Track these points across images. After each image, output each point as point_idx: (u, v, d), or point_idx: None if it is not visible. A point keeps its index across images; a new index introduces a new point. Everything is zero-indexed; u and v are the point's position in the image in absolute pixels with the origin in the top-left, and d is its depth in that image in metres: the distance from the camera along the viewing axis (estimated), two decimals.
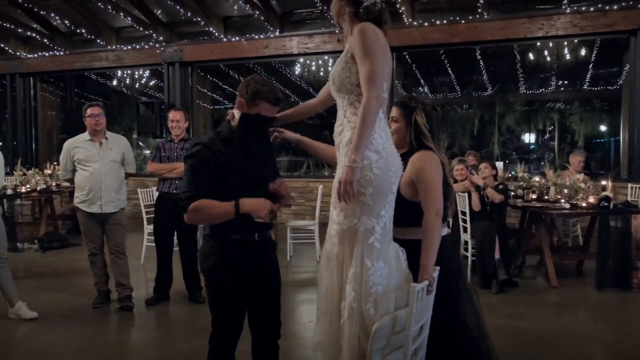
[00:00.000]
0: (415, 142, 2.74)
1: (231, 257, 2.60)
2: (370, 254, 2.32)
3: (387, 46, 2.43)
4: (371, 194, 2.33)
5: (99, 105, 5.12)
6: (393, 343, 2.21)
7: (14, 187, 8.06)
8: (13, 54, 11.85)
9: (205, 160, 2.54)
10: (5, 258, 4.88)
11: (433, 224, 2.49)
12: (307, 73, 14.40)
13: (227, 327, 2.66)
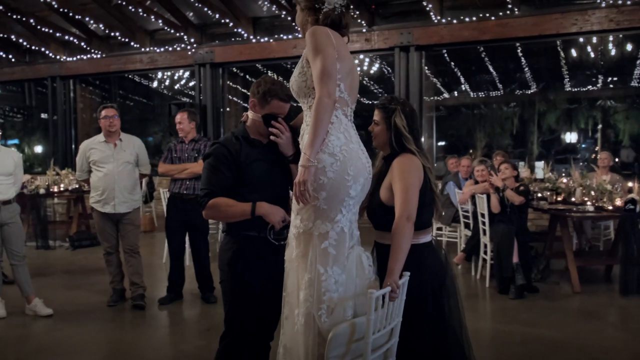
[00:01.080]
0: (396, 145, 2.67)
1: (245, 254, 2.64)
2: (323, 260, 2.27)
3: (345, 48, 2.40)
4: (325, 198, 2.29)
5: (113, 107, 5.23)
6: (354, 351, 2.15)
7: (47, 186, 8.32)
8: (54, 57, 12.25)
9: (222, 158, 2.64)
10: (22, 256, 5.04)
11: (402, 229, 2.42)
12: None
13: (239, 326, 2.67)
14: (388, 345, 2.29)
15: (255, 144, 2.71)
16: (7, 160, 5.04)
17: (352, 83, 2.42)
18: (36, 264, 7.29)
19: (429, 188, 2.65)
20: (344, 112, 2.37)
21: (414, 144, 2.66)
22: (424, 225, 2.66)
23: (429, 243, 2.71)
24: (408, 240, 2.42)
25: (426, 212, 2.66)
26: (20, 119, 18.64)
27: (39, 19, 10.89)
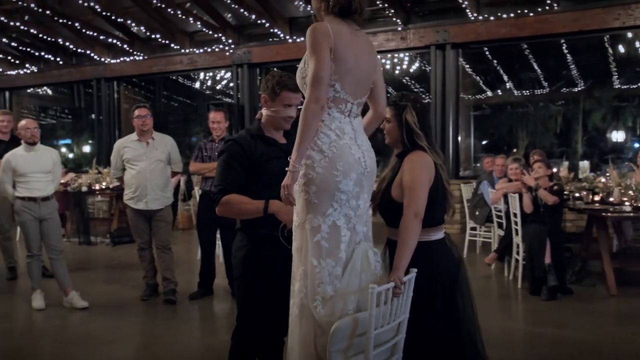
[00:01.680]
0: (408, 142, 2.67)
1: (259, 251, 2.70)
2: (316, 252, 2.30)
3: (349, 42, 2.36)
4: (315, 192, 2.32)
5: (145, 107, 5.38)
6: (357, 345, 2.17)
7: (89, 184, 8.61)
8: (98, 59, 12.65)
9: (236, 155, 2.70)
10: (60, 250, 5.24)
11: (409, 225, 2.42)
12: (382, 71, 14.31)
13: (252, 322, 2.74)
14: (394, 341, 2.29)
15: (270, 142, 2.76)
16: (46, 158, 5.26)
17: (355, 78, 2.39)
18: (77, 259, 7.59)
19: (441, 185, 2.64)
20: (340, 109, 2.37)
21: (425, 140, 2.65)
22: (436, 222, 2.65)
23: (441, 240, 2.70)
24: (415, 237, 2.42)
25: (438, 209, 2.65)
26: (70, 120, 19.29)
27: (84, 23, 11.25)
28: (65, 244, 8.48)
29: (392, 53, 10.58)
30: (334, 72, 2.31)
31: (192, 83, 15.50)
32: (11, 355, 4.21)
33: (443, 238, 2.72)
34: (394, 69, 13.74)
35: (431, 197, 2.55)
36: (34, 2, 10.24)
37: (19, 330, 4.83)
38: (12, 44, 12.80)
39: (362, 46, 2.43)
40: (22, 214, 5.10)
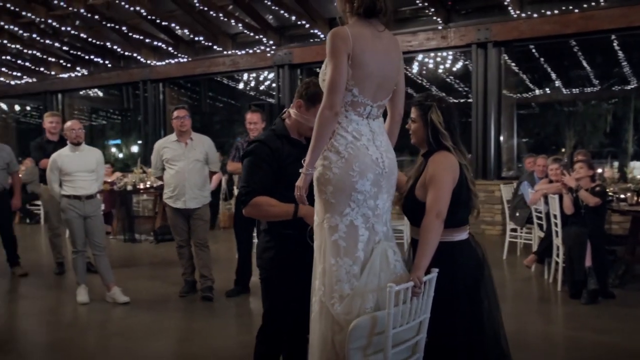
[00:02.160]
0: (433, 142, 2.67)
1: (286, 252, 2.74)
2: (334, 251, 2.33)
3: (369, 46, 2.36)
4: (332, 192, 2.35)
5: (184, 108, 5.52)
6: (376, 344, 2.19)
7: (134, 183, 8.87)
8: (145, 62, 13.01)
9: (263, 156, 2.74)
10: (103, 247, 5.44)
11: (431, 225, 2.43)
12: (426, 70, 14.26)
13: (276, 323, 2.80)
14: (414, 340, 2.30)
15: (295, 143, 2.79)
16: (90, 158, 5.47)
17: (377, 83, 2.40)
18: (122, 256, 7.84)
19: (465, 186, 2.63)
20: (358, 112, 2.39)
21: (451, 140, 2.64)
22: (459, 222, 2.65)
23: (465, 241, 2.69)
24: (436, 237, 2.42)
25: (461, 209, 2.65)
26: (119, 121, 19.90)
27: (131, 26, 11.60)
28: (111, 242, 8.84)
29: (433, 52, 10.48)
30: (351, 77, 2.32)
31: (235, 84, 15.75)
32: (59, 347, 4.42)
33: (467, 239, 2.71)
34: (437, 68, 13.62)
35: (455, 197, 2.55)
36: (83, 7, 10.61)
37: (65, 323, 5.04)
38: (64, 48, 13.30)
39: (384, 49, 2.42)
40: (68, 212, 5.32)
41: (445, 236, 2.53)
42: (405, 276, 2.38)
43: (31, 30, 12.19)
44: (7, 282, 6.38)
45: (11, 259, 6.64)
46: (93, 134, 18.87)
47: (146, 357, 4.11)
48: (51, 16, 11.29)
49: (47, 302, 5.66)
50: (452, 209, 2.53)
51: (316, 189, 2.42)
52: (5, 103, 18.29)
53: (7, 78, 15.64)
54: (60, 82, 14.83)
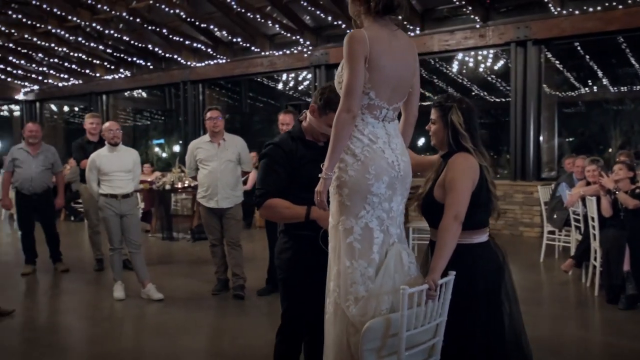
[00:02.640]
0: (453, 143, 2.65)
1: (303, 253, 2.78)
2: (349, 253, 2.34)
3: (387, 47, 2.35)
4: (347, 194, 2.36)
5: (217, 109, 5.62)
6: (390, 346, 2.19)
7: (172, 183, 9.07)
8: (185, 63, 13.26)
9: (278, 158, 2.78)
10: (139, 245, 5.58)
11: (448, 227, 2.42)
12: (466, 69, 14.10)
13: (294, 323, 2.84)
14: (430, 343, 2.29)
15: (311, 145, 2.81)
16: (127, 158, 5.62)
17: (393, 86, 2.39)
18: (159, 254, 8.03)
19: (485, 188, 2.61)
20: (374, 115, 2.39)
21: (471, 141, 2.62)
22: (478, 225, 2.63)
23: (485, 243, 2.67)
24: (454, 239, 2.41)
25: (481, 211, 2.62)
26: (162, 121, 20.33)
27: (171, 29, 11.85)
28: (149, 239, 9.05)
29: (470, 51, 10.34)
30: (368, 80, 2.32)
31: (275, 84, 15.90)
32: (95, 341, 4.59)
33: (487, 241, 2.69)
34: (478, 67, 13.43)
35: (475, 199, 2.53)
36: (126, 11, 10.91)
37: (102, 317, 5.19)
38: (108, 50, 13.71)
39: (401, 50, 2.42)
40: (105, 210, 5.48)
41: (464, 238, 2.51)
42: (419, 278, 2.38)
43: (77, 33, 12.61)
44: (49, 278, 6.63)
45: (54, 255, 6.88)
46: (136, 133, 19.36)
47: (177, 352, 4.20)
48: (95, 20, 11.65)
49: (86, 297, 5.85)
50: (472, 210, 2.51)
51: (332, 191, 2.43)
52: (54, 104, 18.98)
53: (55, 80, 16.21)
54: (104, 84, 15.27)
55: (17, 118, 18.37)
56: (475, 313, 2.53)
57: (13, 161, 6.51)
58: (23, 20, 12.17)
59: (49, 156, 6.67)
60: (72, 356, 4.24)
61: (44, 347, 4.42)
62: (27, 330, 4.87)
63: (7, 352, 4.30)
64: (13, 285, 6.27)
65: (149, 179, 9.85)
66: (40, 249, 6.86)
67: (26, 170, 6.48)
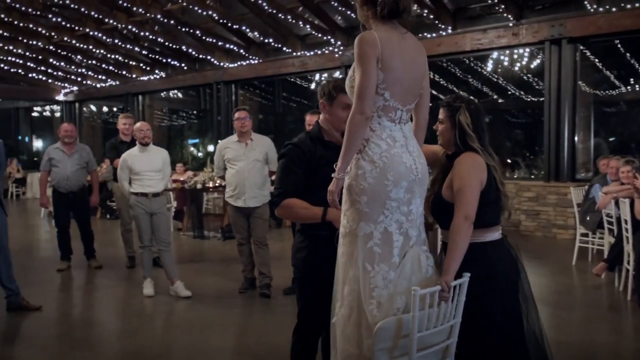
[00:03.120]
0: (461, 143, 2.64)
1: (319, 252, 2.80)
2: (370, 258, 2.34)
3: (397, 49, 2.36)
4: (366, 202, 2.36)
5: (245, 109, 5.68)
6: (402, 346, 2.19)
7: (203, 182, 9.19)
8: (218, 64, 13.44)
9: (296, 159, 2.83)
10: (168, 243, 5.69)
11: (459, 228, 2.41)
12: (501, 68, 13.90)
13: (309, 321, 2.87)
14: (443, 344, 2.28)
15: (330, 146, 2.83)
16: (157, 158, 5.74)
17: (406, 86, 2.40)
18: (189, 252, 8.18)
19: (494, 187, 2.60)
20: (390, 117, 2.39)
21: (478, 142, 2.62)
22: (489, 223, 2.62)
23: (498, 241, 2.65)
24: (465, 239, 2.40)
25: (491, 210, 2.61)
26: (197, 121, 20.64)
27: (204, 30, 12.02)
28: (181, 238, 9.21)
29: (503, 50, 10.19)
30: (382, 81, 2.33)
31: (308, 84, 15.96)
32: (125, 335, 4.73)
33: (500, 239, 2.67)
34: (513, 65, 13.21)
35: (484, 198, 2.53)
36: (160, 13, 11.12)
37: (132, 313, 5.32)
38: (143, 52, 13.98)
39: (411, 52, 2.43)
40: (136, 208, 5.61)
41: (476, 237, 2.52)
42: (436, 280, 2.37)
43: (114, 35, 12.90)
44: (83, 274, 6.82)
45: (88, 252, 7.07)
46: (171, 133, 19.69)
47: (203, 349, 4.27)
48: (131, 22, 11.89)
49: (117, 293, 6.00)
50: (482, 209, 2.51)
51: (347, 198, 2.43)
52: (93, 105, 19.48)
53: (93, 81, 16.63)
54: (140, 84, 15.60)
55: (58, 118, 18.89)
56: (490, 312, 2.51)
57: (50, 161, 6.71)
58: (62, 24, 12.52)
59: (83, 155, 6.85)
60: (102, 350, 4.35)
61: (75, 340, 4.56)
62: (59, 324, 5.03)
63: (41, 344, 4.44)
64: (48, 281, 6.47)
65: (182, 178, 10.02)
66: (75, 245, 7.06)
67: (62, 169, 6.68)
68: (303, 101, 18.60)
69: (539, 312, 2.76)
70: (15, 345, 4.46)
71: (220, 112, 13.87)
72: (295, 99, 18.11)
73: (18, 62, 15.62)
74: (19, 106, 20.17)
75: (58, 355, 4.26)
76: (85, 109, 19.27)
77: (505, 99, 15.19)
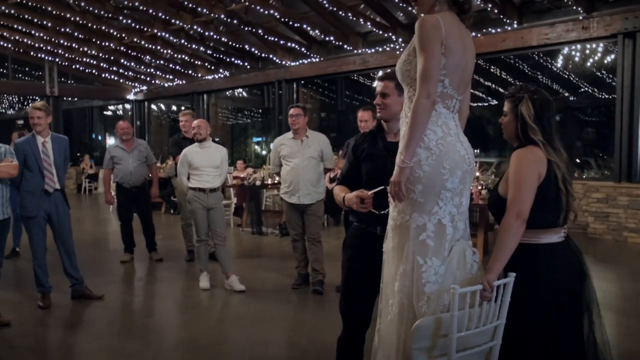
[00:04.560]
0: (523, 136, 2.50)
1: (357, 247, 2.87)
2: (422, 251, 2.27)
3: (459, 34, 2.32)
4: (421, 191, 2.28)
5: (298, 107, 5.71)
6: (442, 346, 2.11)
7: (262, 179, 9.32)
8: (280, 63, 13.58)
9: (349, 151, 2.99)
10: (224, 237, 5.79)
11: (509, 226, 2.29)
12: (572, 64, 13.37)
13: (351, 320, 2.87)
14: (486, 346, 2.19)
15: (378, 139, 2.87)
16: (215, 155, 5.85)
17: (462, 74, 2.35)
18: (247, 248, 8.30)
19: (554, 184, 2.43)
20: (446, 105, 2.33)
21: (542, 135, 2.45)
22: (547, 223, 2.45)
23: (557, 245, 2.47)
24: (514, 239, 2.28)
25: (549, 209, 2.45)
26: (261, 119, 20.97)
27: (267, 29, 12.18)
28: (240, 234, 9.37)
29: (572, 45, 9.76)
30: (443, 66, 2.26)
31: (370, 82, 15.88)
32: (180, 326, 4.90)
33: (560, 242, 2.49)
34: (585, 61, 12.65)
35: (541, 195, 2.38)
36: (224, 13, 11.35)
37: (187, 305, 5.46)
38: (208, 51, 14.32)
39: (469, 41, 2.40)
40: (193, 203, 5.74)
41: (529, 237, 2.38)
42: (480, 277, 2.28)
43: (180, 36, 13.29)
44: (145, 266, 7.05)
45: (150, 245, 7.31)
46: (235, 131, 20.09)
47: (253, 342, 4.32)
48: (197, 22, 12.21)
49: (175, 285, 6.16)
50: (538, 207, 2.37)
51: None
52: (162, 103, 20.17)
53: (161, 80, 17.20)
54: (205, 83, 15.99)
55: (129, 117, 19.66)
56: (533, 317, 2.37)
57: (112, 159, 6.97)
58: (132, 25, 13.02)
59: (142, 150, 7.07)
60: (158, 339, 4.49)
61: (133, 329, 4.74)
62: (119, 313, 5.24)
63: (100, 332, 4.63)
64: (112, 272, 6.74)
65: (242, 175, 10.18)
66: (139, 239, 7.31)
67: (125, 166, 6.92)
68: (366, 99, 18.49)
69: (604, 318, 2.60)
70: (76, 332, 4.67)
71: (282, 111, 14.01)
72: (357, 97, 18.05)
73: (92, 62, 16.41)
74: (93, 105, 21.13)
75: (116, 342, 4.42)
76: (154, 107, 19.98)
77: (577, 96, 14.59)
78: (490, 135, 15.77)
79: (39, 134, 5.18)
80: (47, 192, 5.13)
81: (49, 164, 5.15)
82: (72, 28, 13.58)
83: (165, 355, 4.17)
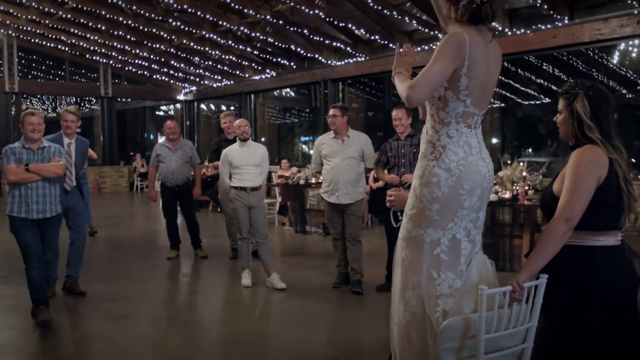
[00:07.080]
0: (579, 134, 2.37)
1: None
2: (436, 265, 2.29)
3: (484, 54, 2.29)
4: (437, 210, 2.30)
5: (337, 107, 5.77)
6: (470, 347, 2.09)
7: (306, 178, 9.38)
8: (326, 62, 13.62)
9: None
10: (265, 235, 5.87)
11: (554, 230, 2.21)
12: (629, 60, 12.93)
13: None
14: (517, 348, 2.15)
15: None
16: (256, 153, 5.93)
17: (484, 90, 2.34)
18: (290, 246, 8.38)
19: (614, 184, 2.29)
20: (467, 123, 2.32)
21: (599, 132, 2.32)
22: (605, 226, 2.33)
23: (613, 248, 2.33)
24: (557, 244, 2.20)
25: (609, 212, 2.32)
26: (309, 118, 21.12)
27: (312, 29, 12.24)
28: (284, 232, 9.47)
29: (627, 40, 9.39)
30: (465, 87, 2.27)
31: None
32: (222, 322, 5.03)
33: (615, 246, 2.34)
34: None
35: (601, 197, 2.26)
36: (270, 14, 11.48)
37: (229, 302, 5.58)
38: (255, 52, 14.51)
39: (494, 55, 2.37)
40: (235, 202, 5.83)
41: (583, 239, 2.29)
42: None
43: (227, 37, 13.51)
44: (190, 263, 7.21)
45: (194, 242, 7.47)
46: (282, 131, 20.27)
47: (291, 340, 4.37)
48: (243, 23, 12.39)
49: (218, 282, 6.29)
50: (595, 210, 2.26)
51: (415, 204, 2.37)
52: (211, 103, 20.56)
53: (210, 81, 17.53)
54: (252, 84, 16.20)
55: (179, 117, 20.15)
56: (585, 321, 2.26)
57: (157, 157, 7.15)
58: (181, 27, 13.33)
59: (186, 150, 7.23)
60: (200, 333, 4.59)
61: (177, 323, 4.87)
62: (164, 307, 5.39)
63: (145, 323, 4.79)
64: (159, 267, 6.94)
65: (286, 174, 10.28)
66: (185, 236, 7.48)
67: (168, 165, 7.09)
68: None
69: None
70: (120, 324, 4.80)
71: (328, 110, 14.03)
72: None
73: (144, 64, 16.89)
74: (145, 105, 21.73)
75: (159, 335, 4.55)
76: (203, 106, 20.38)
77: (635, 93, 14.06)
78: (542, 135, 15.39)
79: (67, 135, 5.57)
80: (66, 190, 5.38)
81: (70, 164, 5.46)
82: (125, 31, 14.03)
83: (206, 349, 4.27)
